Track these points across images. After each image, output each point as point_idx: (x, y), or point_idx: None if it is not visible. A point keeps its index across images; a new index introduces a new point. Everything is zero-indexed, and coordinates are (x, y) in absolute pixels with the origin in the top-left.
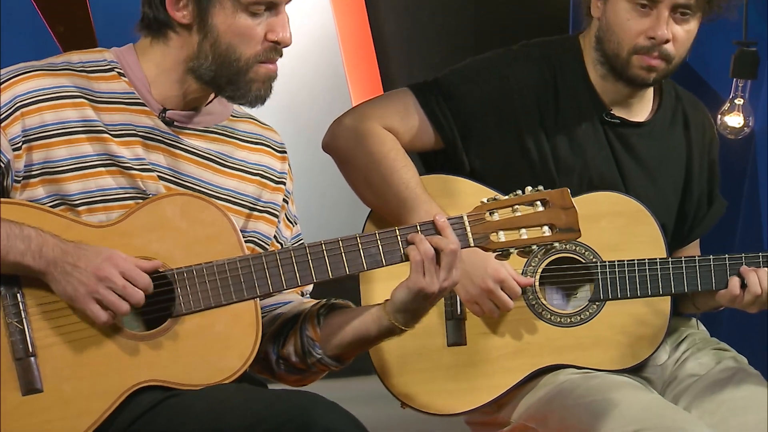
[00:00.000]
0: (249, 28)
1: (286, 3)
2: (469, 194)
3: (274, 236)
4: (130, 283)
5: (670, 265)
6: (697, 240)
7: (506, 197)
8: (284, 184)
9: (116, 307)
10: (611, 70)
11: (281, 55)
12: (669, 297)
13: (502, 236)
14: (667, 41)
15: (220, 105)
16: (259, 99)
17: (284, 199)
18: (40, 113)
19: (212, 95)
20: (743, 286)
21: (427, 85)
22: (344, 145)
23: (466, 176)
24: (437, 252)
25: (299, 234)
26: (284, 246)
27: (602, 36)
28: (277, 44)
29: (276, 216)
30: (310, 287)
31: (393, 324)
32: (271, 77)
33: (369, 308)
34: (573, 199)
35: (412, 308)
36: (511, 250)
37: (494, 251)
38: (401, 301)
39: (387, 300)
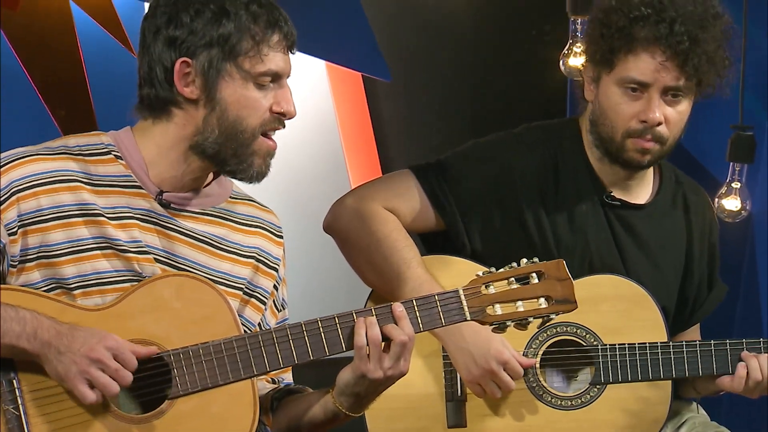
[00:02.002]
0: (256, 100)
1: (287, 76)
2: (470, 275)
3: (258, 323)
4: (122, 364)
5: (671, 350)
6: (698, 324)
7: (502, 270)
8: (277, 270)
9: (106, 389)
10: (606, 153)
11: (283, 127)
12: (670, 381)
13: (498, 309)
14: (659, 124)
15: (219, 187)
16: (260, 175)
17: (275, 286)
18: (36, 197)
19: (210, 177)
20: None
21: (429, 166)
22: (346, 226)
23: (467, 257)
24: (388, 339)
25: (285, 319)
26: None
27: (596, 119)
28: (282, 116)
29: (264, 303)
30: (288, 375)
31: (337, 407)
32: (271, 153)
33: (316, 392)
34: (574, 282)
35: (355, 392)
36: (508, 323)
37: (491, 324)
38: (345, 384)
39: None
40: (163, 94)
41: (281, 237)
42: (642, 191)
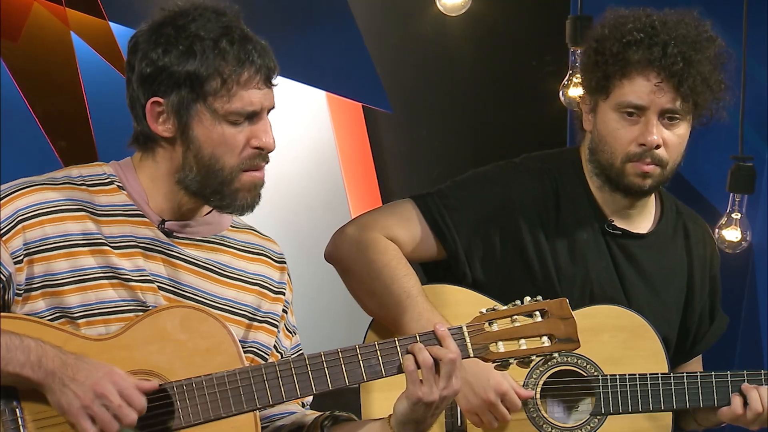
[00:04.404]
0: (230, 136)
1: (268, 110)
2: (471, 304)
3: (274, 346)
4: (126, 402)
5: (672, 380)
6: (700, 356)
7: (505, 307)
8: (283, 294)
9: (107, 427)
10: (607, 181)
11: (267, 161)
12: (670, 412)
13: (502, 347)
14: (657, 147)
15: (219, 216)
16: (246, 207)
17: (283, 309)
18: (41, 226)
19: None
20: (745, 403)
21: (430, 195)
22: (346, 255)
23: (468, 286)
24: (436, 361)
25: (299, 344)
26: (284, 356)
27: (595, 147)
28: (260, 150)
29: (276, 326)
30: (310, 398)
31: None
32: (257, 185)
33: (373, 422)
34: (575, 312)
35: (413, 419)
36: (511, 361)
37: (493, 362)
38: (403, 413)
39: (390, 415)
40: (145, 131)
41: (283, 263)
42: (643, 221)
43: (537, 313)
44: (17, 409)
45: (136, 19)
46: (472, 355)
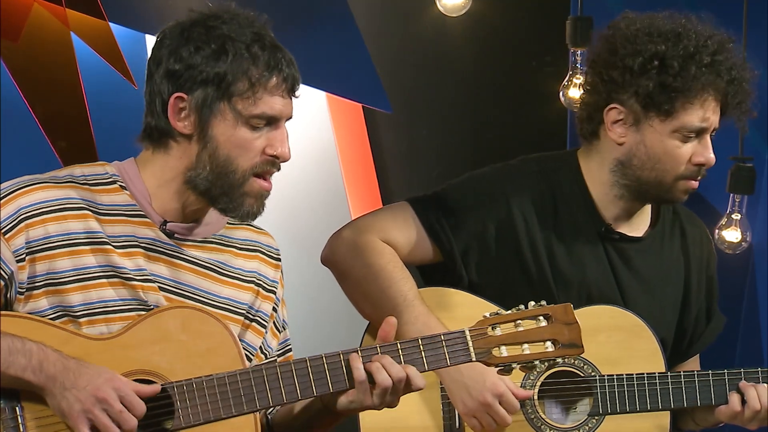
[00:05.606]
0: (248, 140)
1: (286, 119)
2: (468, 307)
3: (260, 347)
4: (127, 408)
5: (669, 380)
6: (697, 356)
7: (509, 312)
8: (274, 292)
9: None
10: (638, 193)
11: (278, 169)
12: (668, 412)
13: (504, 351)
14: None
15: (216, 215)
16: (251, 215)
17: (273, 308)
18: (44, 225)
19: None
20: (743, 401)
21: (426, 198)
22: (343, 258)
23: (464, 289)
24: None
25: (287, 339)
26: (269, 356)
27: (640, 164)
28: (275, 159)
29: (264, 326)
30: None
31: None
32: (264, 195)
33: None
34: None
35: (341, 411)
36: (513, 365)
37: (496, 366)
38: (342, 407)
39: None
40: (161, 126)
41: (278, 259)
42: (640, 224)
43: (541, 317)
44: (17, 407)
45: (136, 20)
46: (474, 360)
